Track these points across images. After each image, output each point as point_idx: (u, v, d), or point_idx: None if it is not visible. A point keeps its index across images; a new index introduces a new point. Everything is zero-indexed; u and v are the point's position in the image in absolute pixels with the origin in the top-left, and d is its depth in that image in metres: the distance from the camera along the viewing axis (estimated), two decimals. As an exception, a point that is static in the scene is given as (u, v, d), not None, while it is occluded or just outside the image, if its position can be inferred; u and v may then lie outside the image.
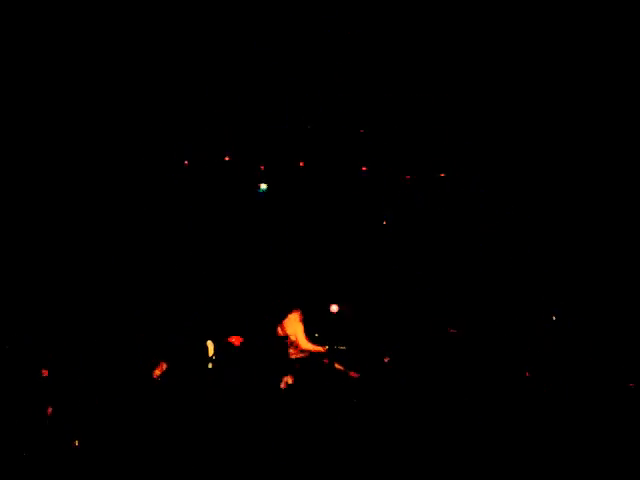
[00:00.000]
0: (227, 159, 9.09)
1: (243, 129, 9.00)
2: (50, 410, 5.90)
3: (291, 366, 7.30)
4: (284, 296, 8.19)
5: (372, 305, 8.39)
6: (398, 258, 8.78)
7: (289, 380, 7.05)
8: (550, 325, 7.22)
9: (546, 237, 8.33)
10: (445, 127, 8.87)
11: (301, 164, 9.21)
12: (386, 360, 7.17)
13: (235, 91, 8.70)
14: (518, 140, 8.64)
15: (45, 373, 6.16)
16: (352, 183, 9.23)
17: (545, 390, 6.05)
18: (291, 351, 7.51)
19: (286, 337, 7.54)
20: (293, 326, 7.61)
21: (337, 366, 7.24)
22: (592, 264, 7.90)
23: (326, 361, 7.25)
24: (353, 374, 7.04)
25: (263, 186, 9.11)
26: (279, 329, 7.58)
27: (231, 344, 7.45)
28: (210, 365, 7.23)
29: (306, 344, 7.57)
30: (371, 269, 8.79)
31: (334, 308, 5.90)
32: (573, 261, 8.03)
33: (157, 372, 6.57)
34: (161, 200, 8.77)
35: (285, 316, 7.63)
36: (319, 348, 7.58)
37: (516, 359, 6.54)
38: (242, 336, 7.47)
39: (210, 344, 7.34)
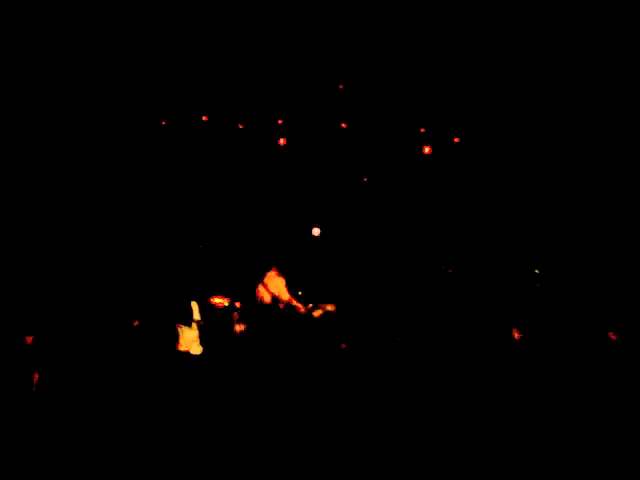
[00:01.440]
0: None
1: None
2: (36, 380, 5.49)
3: (279, 322, 7.12)
4: (263, 253, 7.96)
5: (358, 265, 8.33)
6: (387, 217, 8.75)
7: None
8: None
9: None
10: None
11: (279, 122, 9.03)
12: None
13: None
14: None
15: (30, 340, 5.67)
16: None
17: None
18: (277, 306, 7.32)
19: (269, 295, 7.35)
20: (274, 282, 7.42)
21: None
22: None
23: (303, 310, 7.13)
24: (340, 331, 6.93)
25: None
26: (260, 287, 7.38)
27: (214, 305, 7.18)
28: (194, 326, 6.88)
29: (289, 298, 7.40)
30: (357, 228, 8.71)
31: (316, 231, 5.60)
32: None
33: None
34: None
35: (265, 274, 7.43)
36: (302, 305, 7.42)
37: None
38: (224, 296, 7.19)
39: (194, 305, 6.99)
